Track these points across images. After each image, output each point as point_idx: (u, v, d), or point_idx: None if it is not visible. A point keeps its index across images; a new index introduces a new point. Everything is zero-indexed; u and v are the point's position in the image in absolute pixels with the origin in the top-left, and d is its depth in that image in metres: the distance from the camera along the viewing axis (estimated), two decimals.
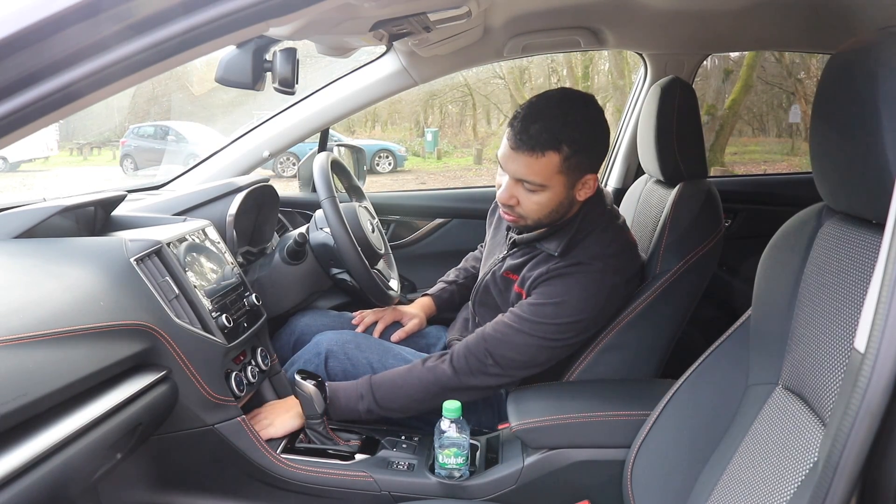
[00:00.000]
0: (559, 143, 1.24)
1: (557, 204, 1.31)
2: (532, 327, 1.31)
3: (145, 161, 9.18)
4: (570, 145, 1.25)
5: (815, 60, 7.75)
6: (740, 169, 9.63)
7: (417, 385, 1.33)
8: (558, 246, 1.34)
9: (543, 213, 1.32)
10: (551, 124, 1.24)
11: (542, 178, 1.27)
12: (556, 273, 1.32)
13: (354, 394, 1.34)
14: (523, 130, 1.25)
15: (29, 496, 0.79)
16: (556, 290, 1.31)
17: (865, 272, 0.78)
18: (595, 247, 1.33)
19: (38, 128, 0.64)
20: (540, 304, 1.31)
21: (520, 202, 1.31)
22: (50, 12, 0.58)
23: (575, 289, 1.29)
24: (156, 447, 1.22)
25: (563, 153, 1.25)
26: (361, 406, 1.33)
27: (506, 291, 1.44)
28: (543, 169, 1.26)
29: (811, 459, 0.79)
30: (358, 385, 1.35)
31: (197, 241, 1.33)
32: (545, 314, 1.30)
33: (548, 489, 1.24)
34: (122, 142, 9.75)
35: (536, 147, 1.24)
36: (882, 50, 0.74)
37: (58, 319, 0.92)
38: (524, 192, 1.30)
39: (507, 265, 1.44)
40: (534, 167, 1.26)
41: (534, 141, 1.24)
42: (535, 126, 1.24)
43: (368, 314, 1.68)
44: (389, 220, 2.29)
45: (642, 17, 1.77)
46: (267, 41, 1.24)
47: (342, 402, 1.34)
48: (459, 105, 13.44)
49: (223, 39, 0.66)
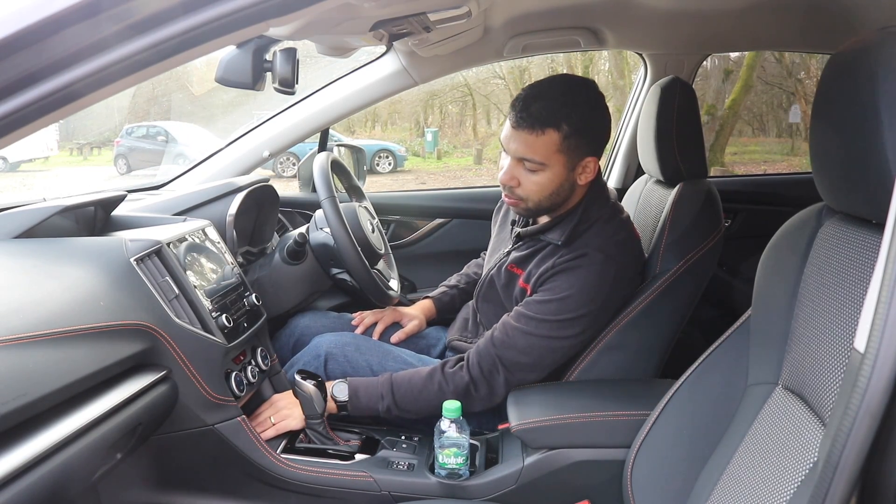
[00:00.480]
0: (559, 121, 1.26)
1: (558, 186, 1.32)
2: (538, 326, 1.31)
3: (138, 161, 9.33)
4: (570, 125, 1.27)
5: (815, 60, 7.74)
6: (740, 169, 9.63)
7: (437, 392, 1.34)
8: (562, 235, 1.35)
9: (544, 195, 1.33)
10: (551, 103, 1.27)
11: (542, 156, 1.28)
12: (562, 267, 1.32)
13: (375, 393, 1.35)
14: (524, 109, 1.27)
15: (29, 496, 0.79)
16: (561, 284, 1.31)
17: (865, 272, 0.78)
18: (599, 238, 1.34)
19: (38, 128, 0.64)
20: (545, 300, 1.32)
21: (520, 183, 1.32)
22: (50, 12, 0.58)
23: (579, 282, 1.30)
24: (156, 447, 1.22)
25: (562, 132, 1.27)
26: (381, 406, 1.35)
27: (509, 286, 1.45)
28: (543, 147, 1.27)
29: (811, 459, 0.79)
30: (379, 385, 1.36)
31: (197, 241, 1.33)
32: (549, 311, 1.31)
33: (548, 489, 1.24)
34: (116, 142, 9.86)
35: (536, 124, 1.26)
36: (882, 50, 0.74)
37: (58, 319, 0.92)
38: (525, 172, 1.31)
39: (512, 258, 1.45)
40: (533, 145, 1.28)
41: (534, 119, 1.26)
42: (536, 105, 1.26)
43: (368, 315, 1.68)
44: (389, 220, 2.29)
45: (642, 17, 1.77)
46: (267, 41, 1.24)
47: (363, 400, 1.35)
48: (459, 105, 13.43)
49: (223, 39, 0.66)
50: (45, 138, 9.16)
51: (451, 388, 1.34)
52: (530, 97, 1.28)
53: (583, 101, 1.30)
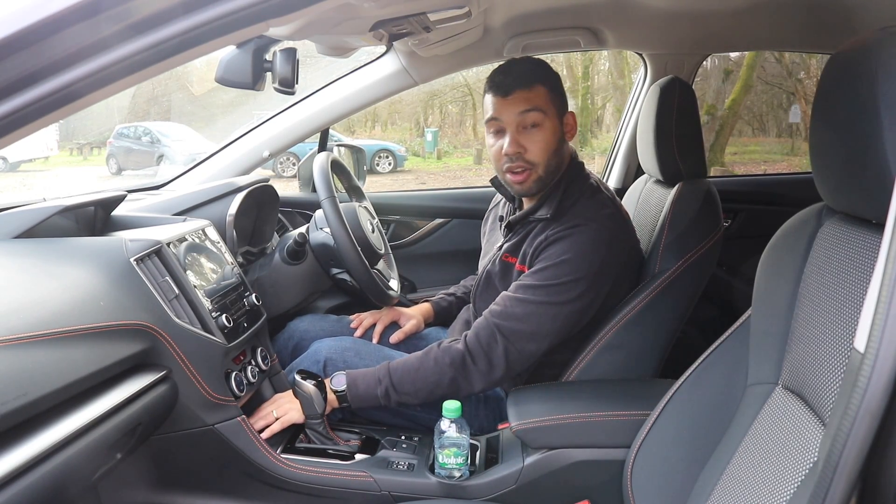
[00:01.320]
0: (542, 77, 1.37)
1: (557, 141, 1.39)
2: (535, 293, 1.32)
3: (126, 161, 9.58)
4: (549, 82, 1.38)
5: (815, 60, 7.75)
6: (740, 169, 9.63)
7: (433, 367, 1.32)
8: (549, 209, 1.38)
9: (549, 153, 1.38)
10: (526, 66, 1.39)
11: (542, 104, 1.35)
12: (556, 237, 1.34)
13: (373, 379, 1.34)
14: (507, 75, 1.37)
15: (29, 496, 0.79)
16: (556, 251, 1.33)
17: (865, 272, 0.78)
18: (587, 211, 1.37)
19: (38, 128, 0.64)
20: (542, 268, 1.33)
21: (526, 148, 1.36)
22: (50, 12, 0.58)
23: (574, 247, 1.32)
24: (156, 447, 1.22)
25: (547, 86, 1.37)
26: (380, 390, 1.33)
27: (506, 276, 1.45)
28: (537, 97, 1.35)
29: (811, 459, 0.79)
30: (377, 370, 1.36)
31: (197, 241, 1.33)
32: (547, 276, 1.32)
33: (548, 489, 1.24)
34: (109, 142, 9.97)
35: (525, 82, 1.35)
36: (882, 50, 0.74)
37: (58, 319, 0.92)
38: (527, 134, 1.36)
39: (505, 248, 1.46)
40: (530, 97, 1.35)
41: (522, 78, 1.36)
42: (517, 68, 1.38)
43: (366, 317, 1.68)
44: (389, 220, 2.29)
45: (642, 17, 1.77)
46: (267, 41, 1.24)
47: (361, 388, 1.34)
48: (459, 105, 13.44)
49: (223, 39, 0.66)
50: (45, 138, 9.22)
51: (447, 361, 1.31)
52: (507, 68, 1.39)
53: (547, 66, 1.42)
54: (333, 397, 1.34)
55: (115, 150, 9.79)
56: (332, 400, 1.34)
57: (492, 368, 1.32)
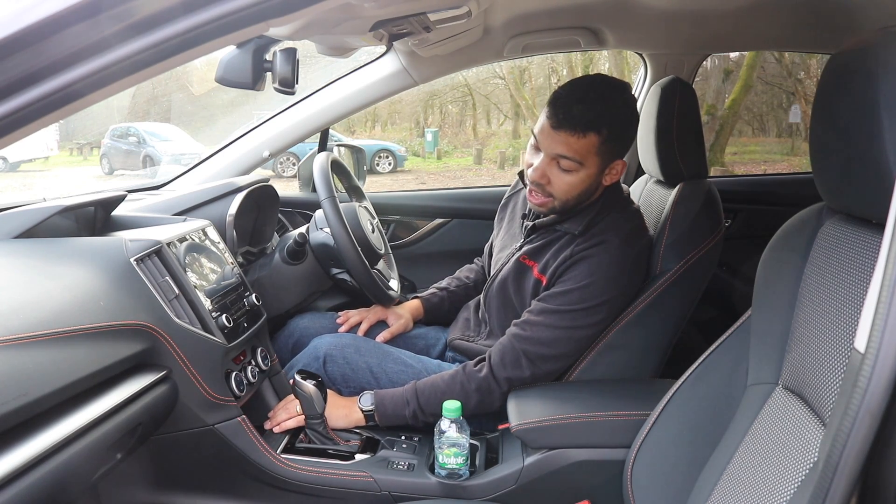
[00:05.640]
0: (600, 125, 1.29)
1: (587, 186, 1.36)
2: (561, 318, 1.33)
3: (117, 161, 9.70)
4: (610, 129, 1.31)
5: (815, 60, 7.75)
6: (740, 169, 9.64)
7: (459, 391, 1.35)
8: (579, 225, 1.38)
9: (573, 195, 1.36)
10: (594, 106, 1.29)
11: (581, 157, 1.31)
12: (581, 255, 1.34)
13: (401, 400, 1.36)
14: (566, 110, 1.29)
15: (29, 496, 0.79)
16: (581, 272, 1.33)
17: (865, 272, 0.78)
18: (614, 224, 1.37)
19: (38, 128, 0.64)
20: (567, 290, 1.33)
21: (551, 182, 1.35)
22: (50, 12, 0.58)
23: (600, 269, 1.32)
24: (156, 447, 1.23)
25: (602, 136, 1.30)
26: (408, 411, 1.36)
27: (522, 278, 1.45)
28: (583, 148, 1.31)
29: (811, 459, 0.79)
30: (404, 391, 1.38)
31: (197, 241, 1.33)
32: (572, 301, 1.33)
33: (548, 489, 1.24)
34: (103, 141, 10.07)
35: (579, 127, 1.29)
36: (882, 50, 0.74)
37: (58, 319, 0.92)
38: (558, 171, 1.34)
39: (525, 250, 1.46)
40: (574, 146, 1.30)
41: (576, 121, 1.29)
42: (578, 107, 1.29)
43: (353, 314, 1.68)
44: (389, 220, 2.29)
45: (642, 17, 1.77)
46: (267, 41, 1.24)
47: (389, 409, 1.36)
48: (459, 105, 13.45)
49: (223, 39, 0.66)
50: (45, 138, 9.25)
51: (473, 387, 1.34)
52: (572, 98, 1.30)
53: (622, 105, 1.34)
54: (360, 416, 1.37)
55: (107, 149, 9.89)
56: (358, 419, 1.37)
57: (515, 389, 1.36)
